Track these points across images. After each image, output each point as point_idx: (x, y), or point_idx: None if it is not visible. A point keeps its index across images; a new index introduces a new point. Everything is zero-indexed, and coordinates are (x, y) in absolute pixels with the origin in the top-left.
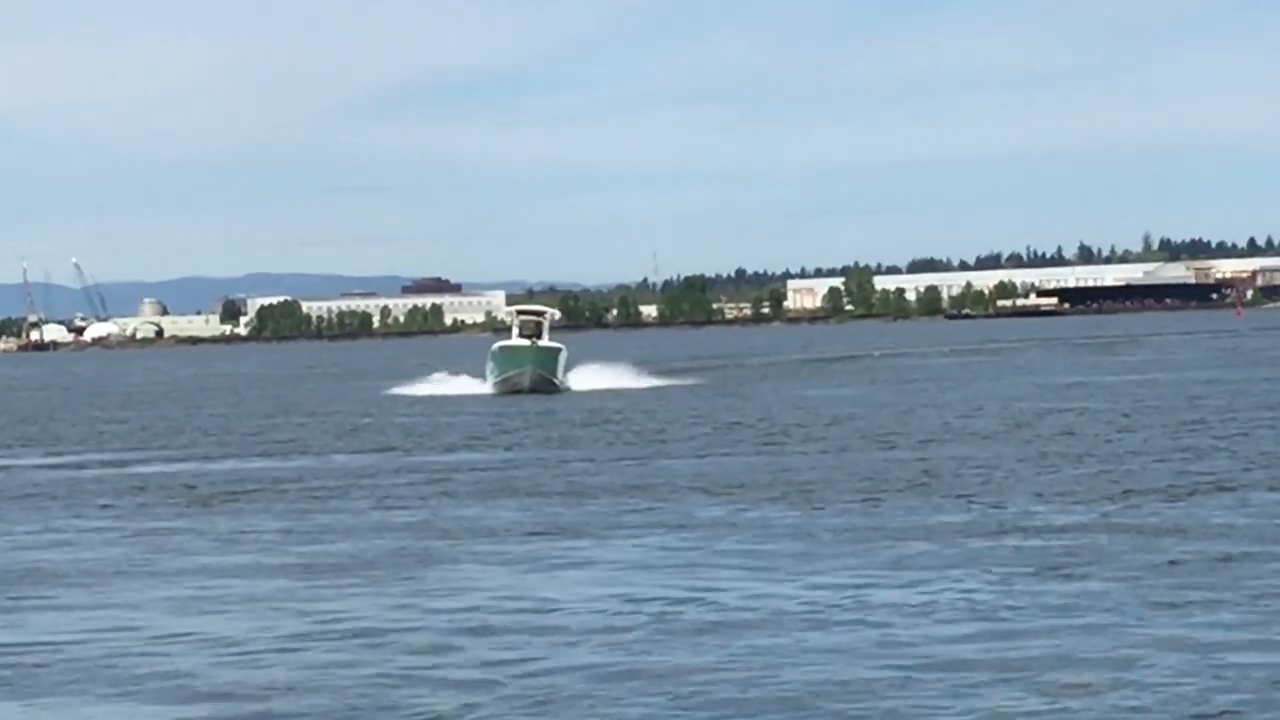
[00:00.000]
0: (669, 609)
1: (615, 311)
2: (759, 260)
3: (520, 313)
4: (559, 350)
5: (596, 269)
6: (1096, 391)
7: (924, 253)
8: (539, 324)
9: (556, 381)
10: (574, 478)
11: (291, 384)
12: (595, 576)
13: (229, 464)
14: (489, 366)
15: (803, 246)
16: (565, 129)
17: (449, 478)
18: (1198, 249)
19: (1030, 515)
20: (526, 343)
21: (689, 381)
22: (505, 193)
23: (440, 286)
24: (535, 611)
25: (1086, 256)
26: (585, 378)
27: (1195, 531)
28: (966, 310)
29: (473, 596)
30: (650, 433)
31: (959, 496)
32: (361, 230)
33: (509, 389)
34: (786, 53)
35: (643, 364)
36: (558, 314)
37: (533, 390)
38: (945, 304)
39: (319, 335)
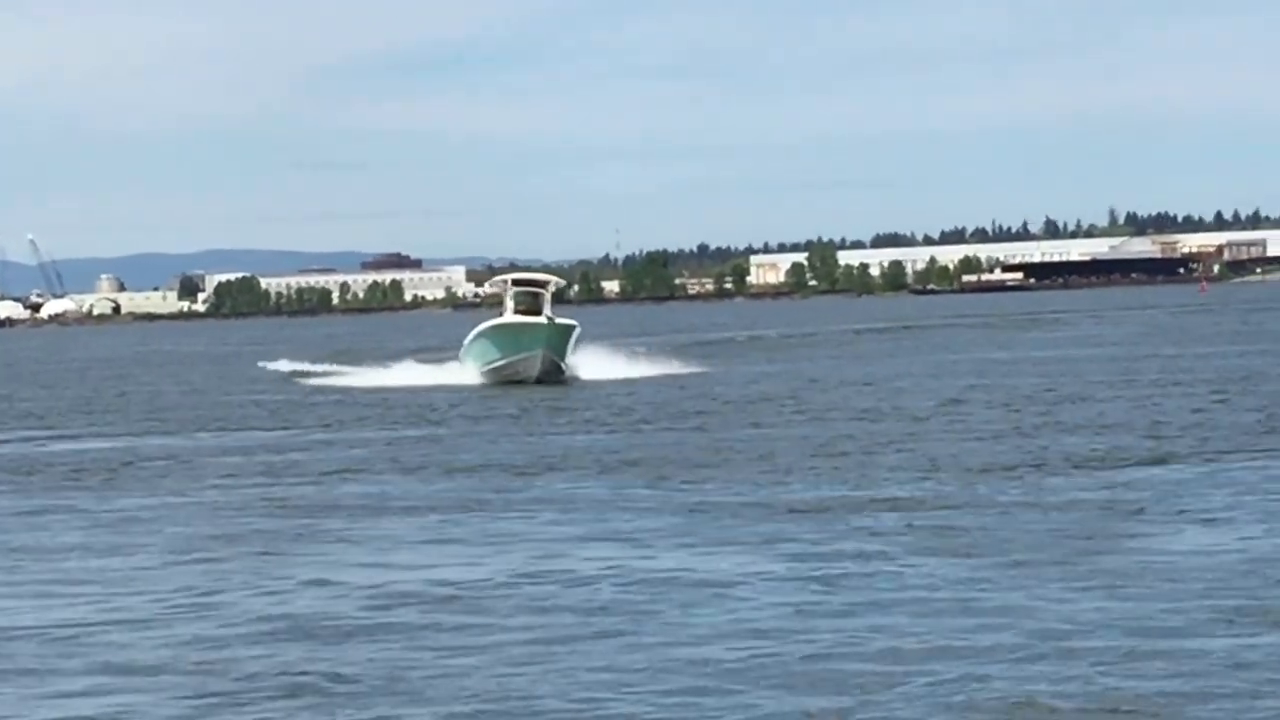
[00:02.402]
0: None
1: (577, 287)
2: (722, 235)
3: (516, 283)
4: (573, 329)
5: (558, 244)
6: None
7: (888, 227)
8: (538, 297)
9: (565, 367)
10: None
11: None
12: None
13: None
14: (476, 349)
15: (766, 221)
16: (529, 104)
17: None
18: (1164, 223)
19: (881, 491)
20: (539, 319)
21: (698, 369)
22: (468, 168)
23: (400, 262)
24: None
25: (1052, 231)
26: (592, 363)
27: (1033, 508)
28: (931, 285)
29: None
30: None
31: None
32: (322, 206)
33: (509, 378)
34: (752, 28)
35: (635, 343)
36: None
37: (540, 380)
38: (910, 279)
39: (278, 311)
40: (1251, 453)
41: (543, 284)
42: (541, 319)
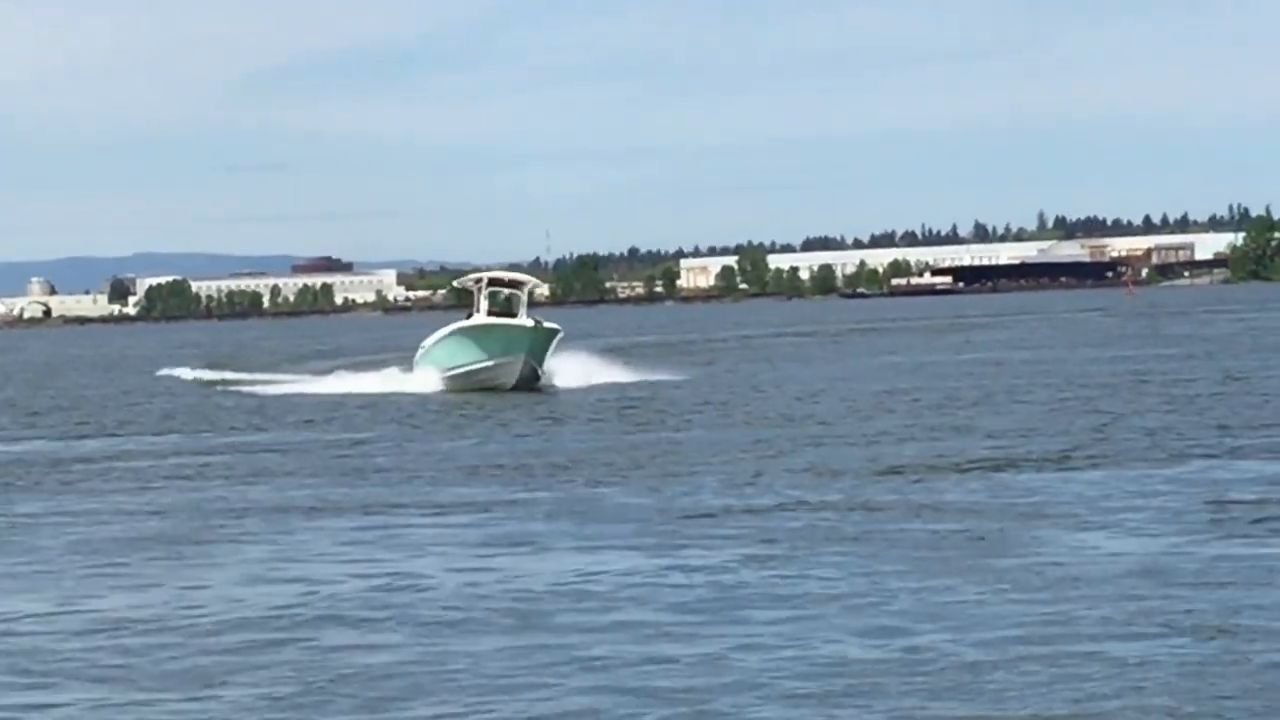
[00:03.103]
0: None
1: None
2: (652, 239)
3: (492, 282)
4: (557, 333)
5: (489, 247)
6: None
7: (818, 231)
8: (514, 298)
9: (541, 374)
10: None
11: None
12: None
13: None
14: (443, 351)
15: (696, 224)
16: (461, 107)
17: None
18: (1092, 227)
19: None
20: (524, 321)
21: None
22: (399, 171)
23: (331, 266)
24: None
25: (981, 235)
26: (566, 368)
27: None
28: (861, 289)
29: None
30: None
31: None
32: (254, 209)
33: (482, 384)
34: (686, 30)
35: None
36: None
37: (517, 387)
38: (839, 283)
39: (209, 315)
40: (1156, 456)
41: (519, 284)
42: (527, 321)
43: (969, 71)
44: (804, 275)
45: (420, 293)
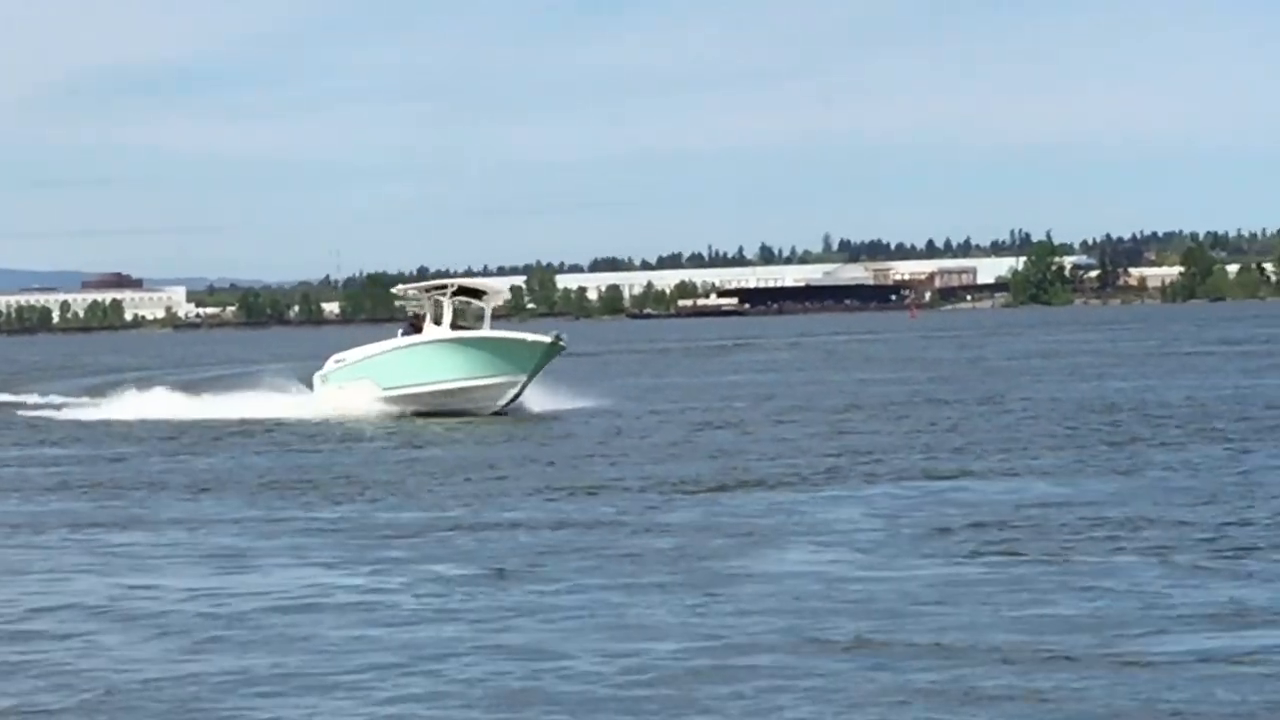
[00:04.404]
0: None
1: (297, 308)
2: (442, 258)
3: (460, 291)
4: (560, 351)
5: (279, 265)
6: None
7: (606, 251)
8: (465, 310)
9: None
10: None
11: None
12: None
13: None
14: (399, 366)
15: (485, 244)
16: (252, 124)
17: None
18: (877, 250)
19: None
20: (540, 336)
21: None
22: (190, 187)
23: (121, 282)
24: None
25: (767, 257)
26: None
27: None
28: (648, 310)
29: None
30: None
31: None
32: (44, 224)
33: (456, 405)
34: (476, 52)
35: None
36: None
37: (500, 412)
38: (627, 303)
39: None
40: (892, 477)
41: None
42: (544, 335)
43: (755, 95)
44: (592, 296)
45: (210, 310)
